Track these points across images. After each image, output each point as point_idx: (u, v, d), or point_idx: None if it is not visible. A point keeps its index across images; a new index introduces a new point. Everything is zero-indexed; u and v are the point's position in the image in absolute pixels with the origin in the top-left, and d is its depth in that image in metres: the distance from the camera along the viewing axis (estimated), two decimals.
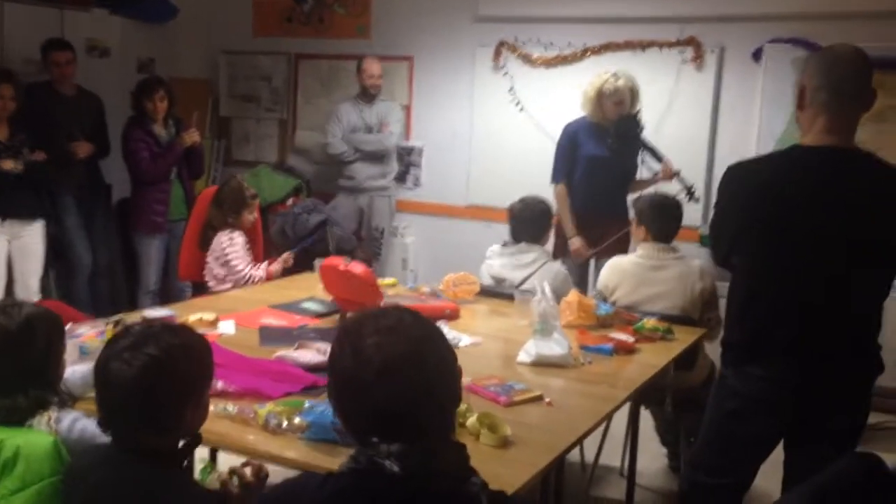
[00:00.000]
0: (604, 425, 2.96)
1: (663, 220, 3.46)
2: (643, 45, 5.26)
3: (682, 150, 5.12)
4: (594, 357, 2.80)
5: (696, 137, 5.14)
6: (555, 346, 2.69)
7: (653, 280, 3.38)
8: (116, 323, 2.62)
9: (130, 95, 5.12)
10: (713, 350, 3.26)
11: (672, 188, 4.29)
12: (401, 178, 6.15)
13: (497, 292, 3.59)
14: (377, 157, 5.83)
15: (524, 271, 3.65)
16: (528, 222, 3.71)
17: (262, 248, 4.66)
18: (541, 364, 2.68)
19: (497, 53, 5.70)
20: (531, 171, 5.53)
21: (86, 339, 2.64)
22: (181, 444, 1.72)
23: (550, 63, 5.56)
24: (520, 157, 5.66)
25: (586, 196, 4.55)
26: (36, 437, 1.84)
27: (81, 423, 1.95)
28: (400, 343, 1.36)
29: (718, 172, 5.19)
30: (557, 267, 3.69)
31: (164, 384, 1.62)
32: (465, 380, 2.41)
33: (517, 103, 5.68)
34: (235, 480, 1.81)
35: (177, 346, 1.65)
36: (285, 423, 2.06)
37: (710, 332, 3.28)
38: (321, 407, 2.07)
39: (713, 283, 3.35)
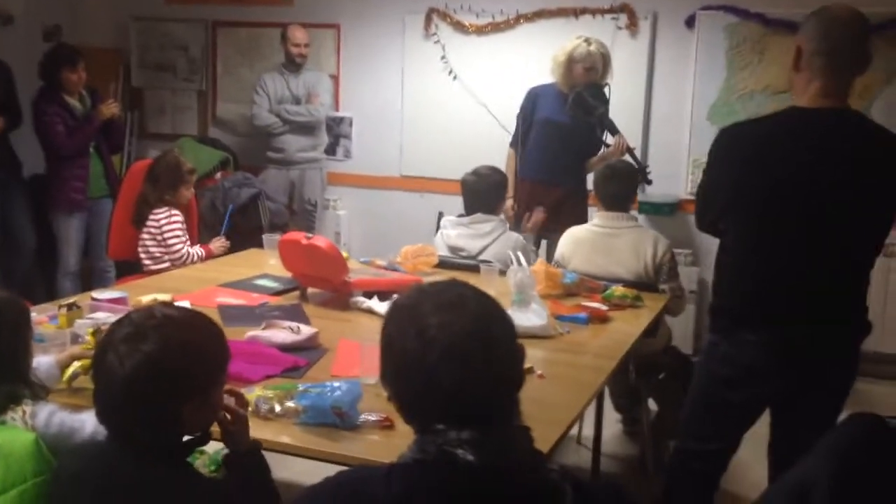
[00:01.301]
0: None
1: (615, 185, 3.44)
2: (577, 12, 5.23)
3: (618, 118, 5.09)
4: (570, 326, 2.76)
5: (631, 105, 5.15)
6: (533, 317, 2.64)
7: (607, 248, 3.37)
8: (70, 306, 2.42)
9: (41, 66, 4.77)
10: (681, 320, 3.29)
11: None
12: (331, 149, 5.97)
13: (456, 263, 3.52)
14: (307, 129, 5.65)
15: (482, 241, 3.59)
16: (482, 194, 3.65)
17: (197, 225, 4.46)
18: (520, 336, 2.59)
19: (428, 20, 5.58)
20: (466, 141, 5.48)
21: (37, 324, 2.43)
22: (185, 439, 1.58)
23: (483, 30, 5.48)
24: (454, 126, 5.58)
25: (539, 162, 4.41)
26: (14, 435, 1.67)
27: (59, 416, 1.79)
28: (466, 320, 1.26)
29: (653, 140, 5.32)
30: (516, 236, 3.65)
31: (159, 384, 1.48)
32: None
33: (450, 72, 5.58)
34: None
35: (176, 343, 1.50)
36: (278, 408, 1.94)
37: (673, 303, 3.29)
38: (317, 389, 1.96)
39: (669, 250, 3.36)
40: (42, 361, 2.04)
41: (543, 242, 4.48)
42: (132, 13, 6.28)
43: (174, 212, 3.96)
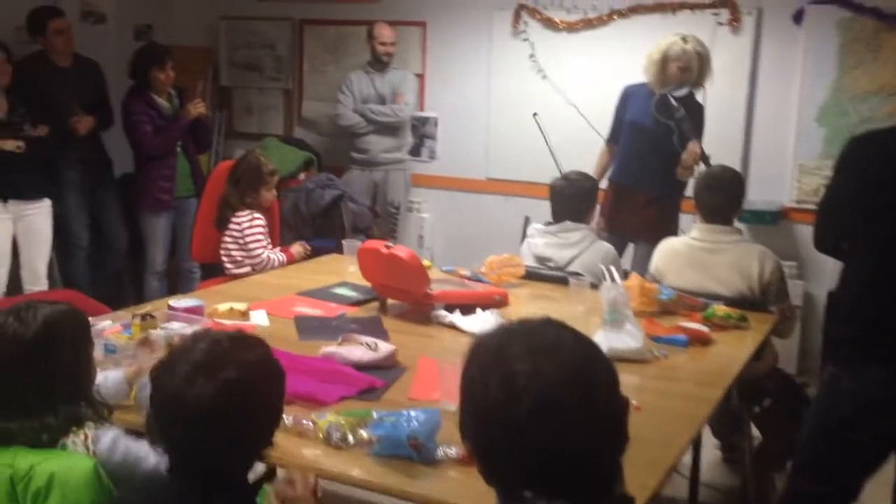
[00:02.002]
0: None
1: (716, 196, 3.18)
2: (674, 7, 4.96)
3: (719, 121, 4.85)
4: (668, 349, 2.55)
5: (732, 106, 4.86)
6: (628, 339, 2.45)
7: (704, 263, 3.12)
8: (144, 317, 2.35)
9: (130, 64, 4.79)
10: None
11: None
12: (415, 150, 5.85)
13: (543, 275, 3.34)
14: (391, 129, 5.55)
15: (571, 251, 3.39)
16: (571, 200, 3.45)
17: (279, 228, 4.39)
18: (613, 359, 2.41)
19: (516, 17, 5.39)
20: (554, 143, 5.27)
21: (110, 334, 2.37)
22: (254, 475, 1.46)
23: (574, 27, 5.26)
24: (542, 127, 5.37)
25: (624, 164, 4.29)
26: (72, 461, 1.58)
27: (123, 442, 1.69)
28: (561, 368, 1.10)
29: (756, 143, 5.01)
30: (606, 247, 3.44)
31: (248, 411, 1.36)
32: None
33: (538, 70, 5.39)
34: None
35: (254, 365, 1.38)
36: (351, 438, 1.81)
37: (783, 325, 3.02)
38: (392, 417, 1.82)
39: (779, 268, 3.09)
40: (110, 376, 1.96)
41: (630, 247, 4.27)
42: (223, 12, 6.29)
43: (256, 215, 3.90)
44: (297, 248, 4.01)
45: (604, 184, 4.29)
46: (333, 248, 4.93)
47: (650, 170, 4.19)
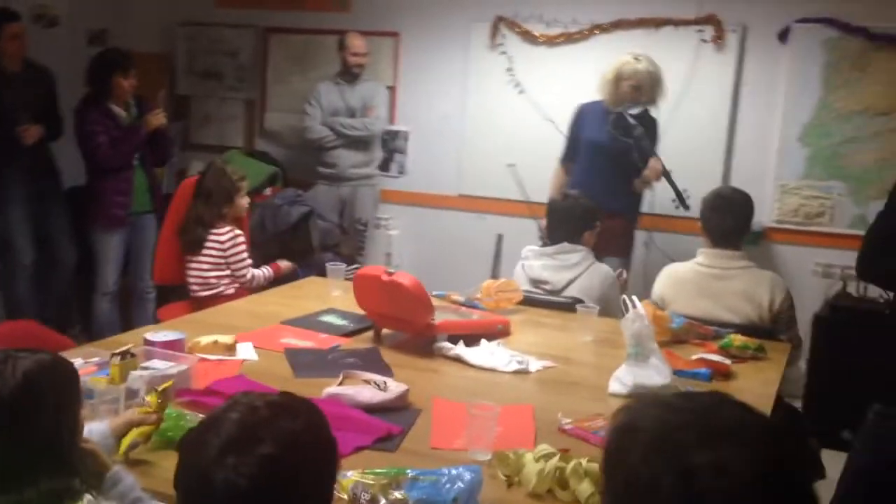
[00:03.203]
0: None
1: (726, 218, 3.05)
2: (657, 23, 4.85)
3: (699, 138, 4.77)
4: (690, 384, 2.38)
5: (714, 124, 4.76)
6: (654, 375, 2.27)
7: (714, 291, 2.98)
8: (123, 355, 2.08)
9: (89, 70, 4.47)
10: None
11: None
12: (384, 165, 5.64)
13: (544, 300, 3.15)
14: (361, 144, 5.32)
15: (569, 273, 3.22)
16: (570, 220, 3.28)
17: (249, 241, 4.14)
18: (637, 396, 2.24)
19: (494, 30, 5.23)
20: (530, 160, 5.12)
21: (83, 375, 2.10)
22: None
23: (554, 41, 5.12)
24: (518, 143, 5.21)
25: (584, 184, 4.05)
26: None
27: None
28: (754, 459, 0.89)
29: (737, 162, 4.91)
30: (606, 269, 3.27)
31: (291, 493, 1.12)
32: (564, 420, 1.98)
33: (516, 85, 5.22)
34: None
35: (299, 435, 1.14)
36: (383, 501, 1.58)
37: (791, 354, 2.89)
38: (431, 476, 1.60)
39: (789, 297, 2.96)
40: (94, 429, 1.70)
41: None
42: (181, 18, 6.00)
43: (237, 231, 3.68)
44: (285, 263, 3.80)
45: None
46: (302, 267, 4.73)
47: (610, 186, 4.15)
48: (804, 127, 4.63)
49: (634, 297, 2.42)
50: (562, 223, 3.28)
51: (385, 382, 2.16)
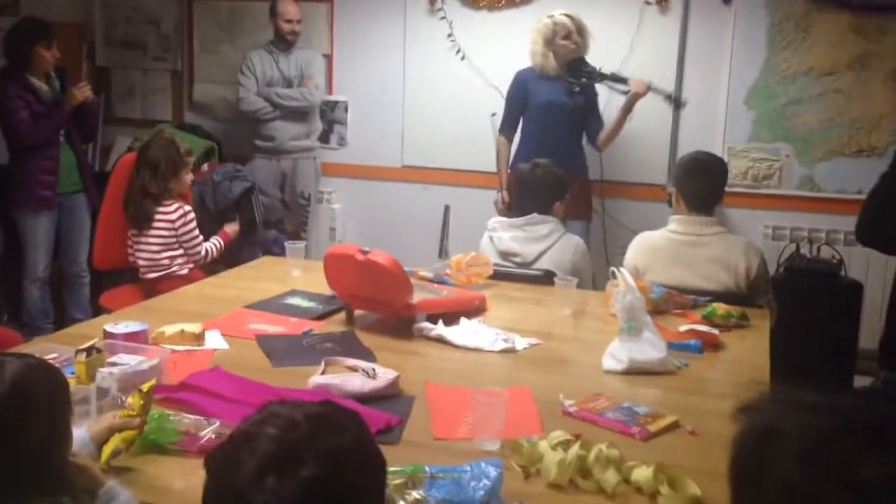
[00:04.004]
0: None
1: (703, 182, 3.00)
2: None
3: (645, 103, 4.70)
4: (682, 356, 2.33)
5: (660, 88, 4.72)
6: (649, 349, 2.20)
7: (689, 258, 2.93)
8: (89, 351, 1.90)
9: (5, 42, 4.16)
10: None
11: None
12: (324, 137, 5.43)
13: (515, 274, 3.06)
14: (299, 115, 5.11)
15: (539, 245, 3.13)
16: (539, 190, 3.19)
17: None
18: (634, 372, 2.18)
19: None
20: (474, 128, 5.00)
21: None
22: None
23: (495, 5, 4.98)
24: (462, 111, 5.09)
25: (538, 149, 4.06)
26: None
27: None
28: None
29: (685, 126, 4.90)
30: (577, 240, 3.20)
31: None
32: (567, 402, 1.90)
33: (458, 51, 5.08)
34: None
35: (346, 453, 1.01)
36: (401, 503, 1.47)
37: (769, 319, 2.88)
38: (452, 474, 1.49)
39: (763, 262, 2.94)
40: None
41: None
42: None
43: (186, 207, 3.48)
44: (230, 227, 3.64)
45: None
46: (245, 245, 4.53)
47: (567, 150, 4.21)
48: (750, 89, 4.63)
49: (623, 269, 2.34)
50: (532, 194, 3.18)
51: (374, 369, 2.04)
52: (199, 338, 2.28)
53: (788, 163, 4.63)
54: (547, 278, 3.01)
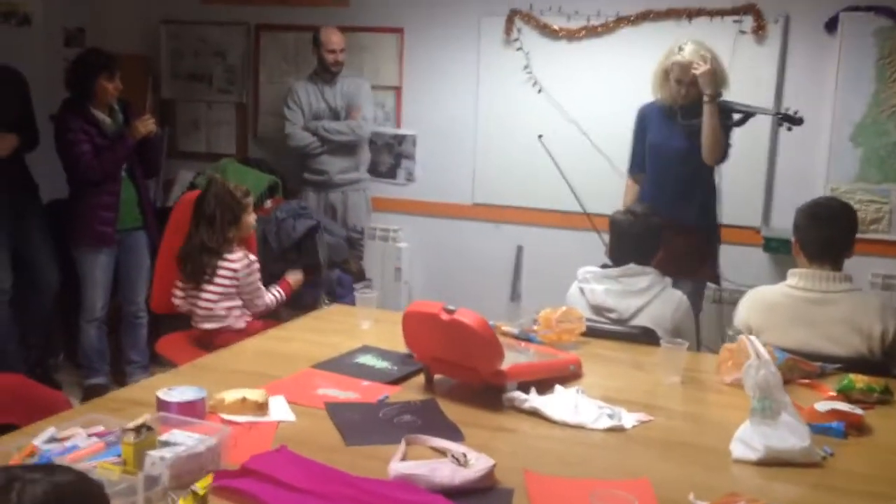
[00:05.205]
0: None
1: (819, 229, 2.65)
2: (690, 14, 4.47)
3: (741, 139, 4.36)
4: (824, 442, 1.97)
5: (756, 124, 4.33)
6: (789, 436, 1.86)
7: (812, 318, 2.56)
8: (139, 429, 1.64)
9: (70, 72, 4.02)
10: None
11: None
12: (391, 172, 5.21)
13: (614, 332, 2.73)
14: (348, 148, 4.87)
15: (637, 300, 2.81)
16: (637, 239, 2.87)
17: None
18: (770, 462, 1.84)
19: (509, 24, 4.82)
20: (551, 165, 4.70)
21: (84, 455, 1.66)
22: None
23: (575, 35, 4.71)
24: (537, 147, 4.79)
25: (653, 195, 3.76)
26: None
27: None
28: None
29: (782, 165, 4.51)
30: (679, 296, 2.86)
31: None
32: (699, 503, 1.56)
33: (534, 83, 4.82)
34: None
35: None
36: None
37: None
38: None
39: None
40: None
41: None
42: (164, 16, 5.52)
43: (252, 257, 3.25)
44: (293, 277, 3.39)
45: None
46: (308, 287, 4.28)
47: (679, 197, 3.73)
48: (856, 125, 4.26)
49: (754, 338, 2.01)
50: (629, 243, 2.86)
51: (465, 455, 1.74)
52: (262, 407, 2.01)
53: None
54: (646, 337, 2.69)
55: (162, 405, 1.91)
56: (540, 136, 4.58)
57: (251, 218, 3.39)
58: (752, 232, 4.43)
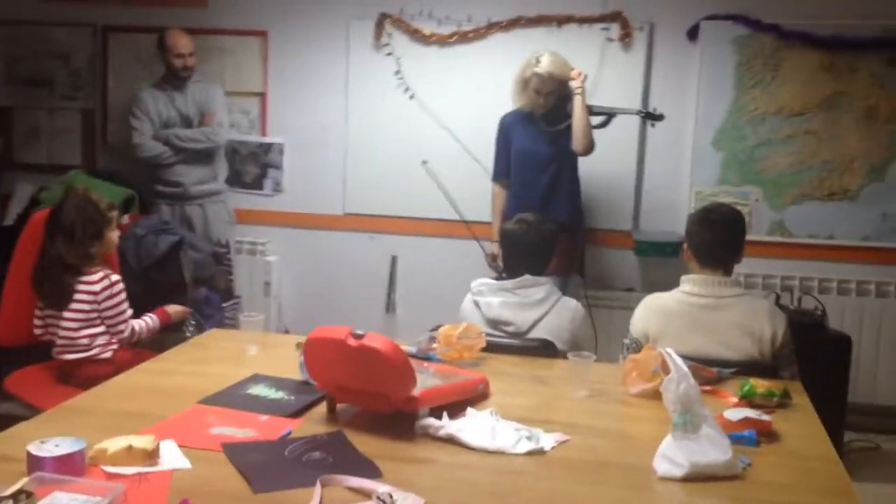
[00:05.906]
0: None
1: (710, 233, 2.69)
2: (560, 21, 4.51)
3: (609, 145, 4.45)
4: (740, 452, 1.96)
5: (623, 129, 4.43)
6: (710, 449, 1.84)
7: (711, 324, 2.60)
8: (16, 498, 1.41)
9: None
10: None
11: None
12: (257, 183, 4.97)
13: (513, 346, 2.67)
14: (202, 156, 4.64)
15: (534, 312, 2.76)
16: (531, 249, 2.82)
17: None
18: (695, 478, 1.81)
19: (378, 28, 4.70)
20: (424, 173, 4.61)
21: None
22: None
23: (447, 41, 4.65)
24: (410, 154, 4.70)
25: (520, 199, 3.94)
26: None
27: None
28: None
29: (650, 169, 4.62)
30: (574, 305, 2.83)
31: None
32: None
33: (406, 89, 4.72)
34: None
35: None
36: None
37: None
38: None
39: (788, 328, 2.63)
40: None
41: None
42: None
43: (115, 277, 2.95)
44: (175, 308, 3.12)
45: None
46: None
47: (549, 199, 3.94)
48: (717, 130, 4.42)
49: (671, 350, 1.98)
50: (522, 253, 2.81)
51: (391, 496, 1.61)
52: (152, 455, 1.80)
53: (758, 207, 4.42)
54: (546, 349, 2.64)
55: (34, 462, 1.66)
56: (424, 162, 4.51)
57: (114, 234, 3.10)
58: (624, 235, 4.51)
